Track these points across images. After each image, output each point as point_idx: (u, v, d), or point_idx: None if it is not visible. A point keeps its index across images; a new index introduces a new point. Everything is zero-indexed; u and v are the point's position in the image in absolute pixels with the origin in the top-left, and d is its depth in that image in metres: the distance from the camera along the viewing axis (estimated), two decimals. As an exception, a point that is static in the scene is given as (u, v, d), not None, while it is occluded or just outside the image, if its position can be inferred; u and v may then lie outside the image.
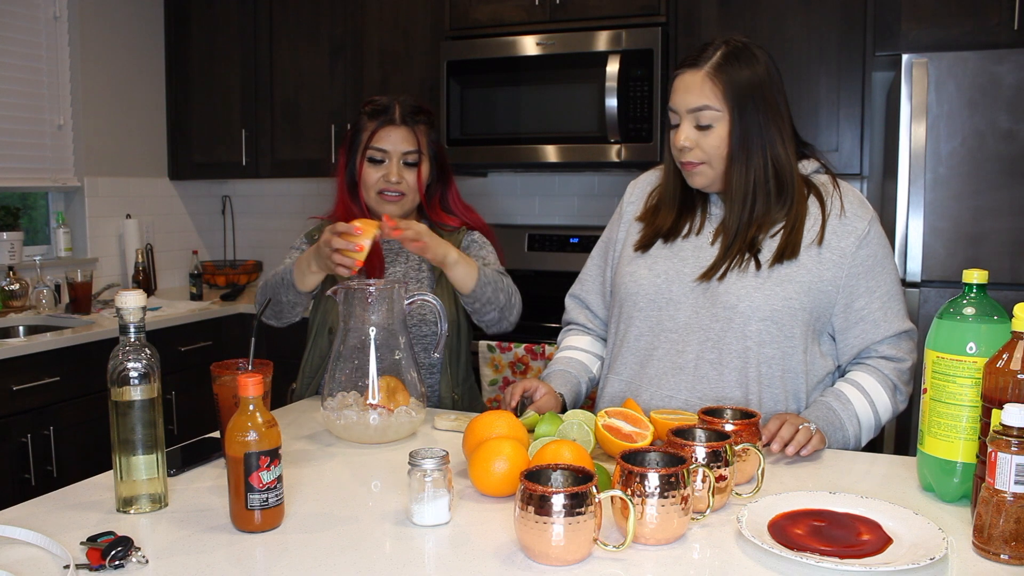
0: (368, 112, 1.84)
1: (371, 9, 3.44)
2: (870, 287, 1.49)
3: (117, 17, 3.63)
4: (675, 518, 1.03)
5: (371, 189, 1.82)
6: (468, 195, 3.71)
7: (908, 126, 2.38)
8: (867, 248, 1.49)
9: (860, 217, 1.50)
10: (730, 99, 1.44)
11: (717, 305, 1.48)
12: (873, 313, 1.49)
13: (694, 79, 1.46)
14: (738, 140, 1.46)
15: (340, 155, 1.89)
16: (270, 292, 1.76)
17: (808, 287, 1.46)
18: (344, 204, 1.87)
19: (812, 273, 1.47)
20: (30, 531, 1.04)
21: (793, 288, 1.46)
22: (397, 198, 1.82)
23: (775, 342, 1.47)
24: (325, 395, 1.51)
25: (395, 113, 1.81)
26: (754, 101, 1.45)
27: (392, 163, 1.81)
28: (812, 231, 1.49)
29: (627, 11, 2.99)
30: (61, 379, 2.69)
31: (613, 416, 1.36)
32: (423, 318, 1.82)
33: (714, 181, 1.51)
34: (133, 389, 1.14)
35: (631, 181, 1.75)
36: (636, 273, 1.58)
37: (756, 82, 1.45)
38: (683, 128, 1.48)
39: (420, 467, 1.10)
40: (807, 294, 1.46)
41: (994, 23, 2.52)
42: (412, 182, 1.82)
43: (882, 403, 1.49)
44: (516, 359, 2.79)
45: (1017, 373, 1.04)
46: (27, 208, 3.50)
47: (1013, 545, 0.98)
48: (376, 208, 1.85)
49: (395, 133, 1.81)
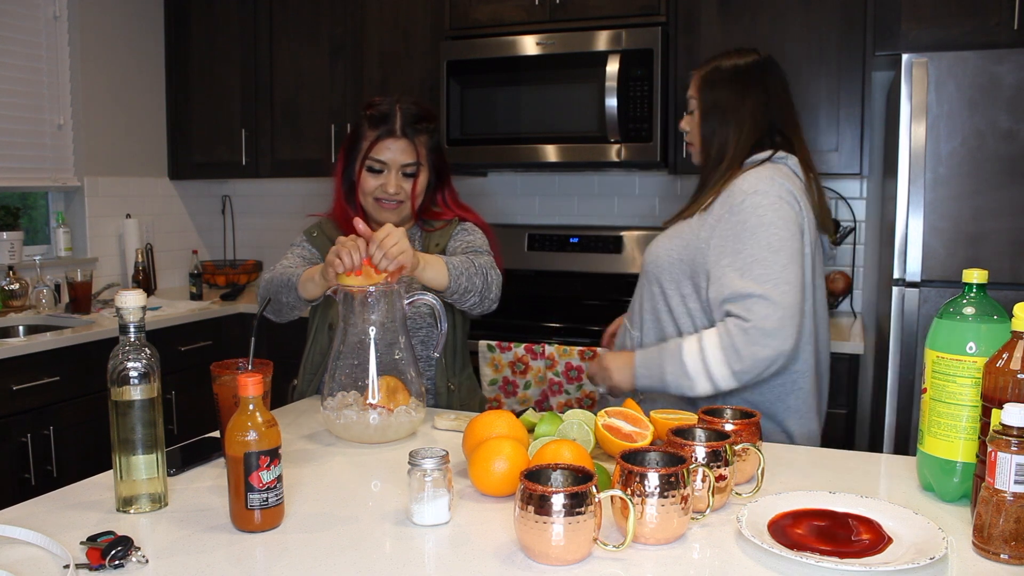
0: (369, 118, 1.83)
1: (371, 9, 3.44)
2: (736, 248, 1.59)
3: (117, 17, 3.63)
4: (675, 518, 1.03)
5: (368, 196, 1.83)
6: (468, 195, 3.70)
7: (908, 126, 2.38)
8: (738, 215, 1.61)
9: (743, 191, 1.62)
10: (703, 95, 1.76)
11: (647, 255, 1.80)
12: (728, 273, 1.59)
13: (694, 78, 1.79)
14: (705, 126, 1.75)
15: (339, 156, 1.89)
16: (272, 291, 1.76)
17: (687, 243, 1.68)
18: (341, 206, 1.88)
19: (695, 233, 1.67)
20: (30, 531, 1.04)
21: (677, 242, 1.70)
22: (394, 207, 1.83)
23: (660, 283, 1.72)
24: (325, 395, 1.51)
25: (396, 123, 1.80)
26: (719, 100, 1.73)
27: (391, 174, 1.80)
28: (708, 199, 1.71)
29: (627, 11, 2.99)
30: (61, 379, 2.69)
31: (613, 416, 1.36)
32: (417, 311, 1.82)
33: (699, 160, 1.79)
34: (133, 389, 1.14)
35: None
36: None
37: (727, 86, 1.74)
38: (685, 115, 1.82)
39: (420, 467, 1.11)
40: (685, 248, 1.68)
41: (994, 23, 2.52)
42: (410, 191, 1.83)
43: (712, 350, 1.56)
44: (516, 359, 2.79)
45: (1017, 373, 1.04)
46: (27, 208, 3.50)
47: (1013, 545, 0.98)
48: (373, 214, 1.85)
49: (395, 145, 1.80)
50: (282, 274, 1.75)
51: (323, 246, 1.87)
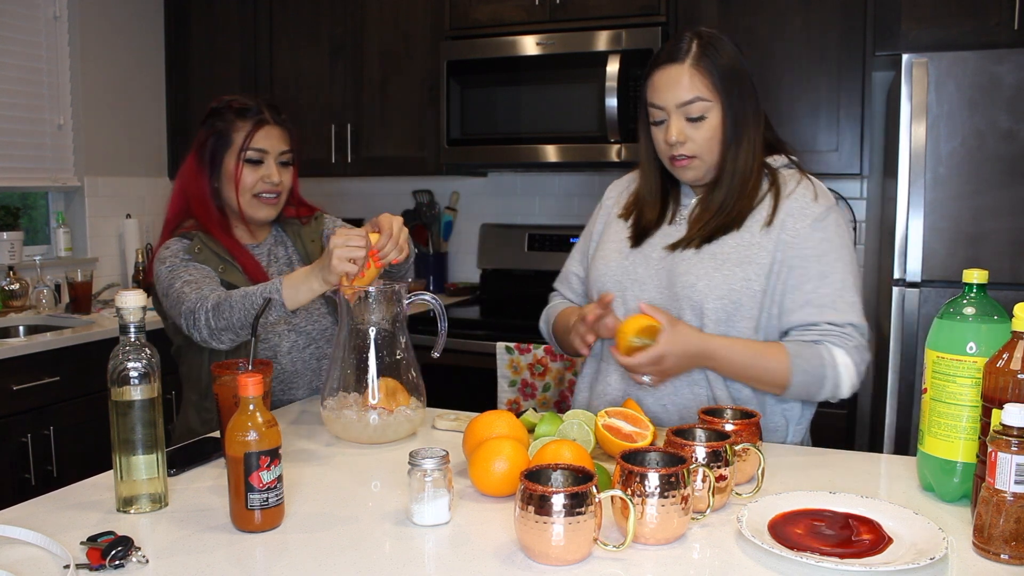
0: (236, 111, 1.74)
1: (371, 9, 3.44)
2: (823, 271, 1.46)
3: (117, 17, 3.63)
4: (675, 518, 1.03)
5: (248, 192, 1.75)
6: (468, 195, 3.73)
7: (908, 126, 2.38)
8: (822, 232, 1.47)
9: (819, 204, 1.49)
10: (719, 87, 1.46)
11: (676, 285, 1.51)
12: (822, 298, 1.45)
13: (679, 73, 1.46)
14: (731, 126, 1.48)
15: (195, 162, 1.77)
16: (238, 317, 1.54)
17: (768, 269, 1.47)
18: (211, 212, 1.76)
19: (770, 254, 1.47)
20: (30, 531, 1.04)
21: (753, 270, 1.47)
22: (274, 200, 1.78)
23: (730, 320, 1.48)
24: (325, 395, 1.51)
25: (266, 112, 1.76)
26: (738, 85, 1.47)
27: (271, 164, 1.76)
28: (763, 213, 1.50)
29: (627, 11, 2.99)
30: (61, 379, 2.69)
31: (613, 416, 1.36)
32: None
33: (705, 173, 1.52)
34: (133, 389, 1.14)
35: (611, 183, 1.78)
36: (605, 251, 1.63)
37: (736, 67, 1.48)
38: (673, 123, 1.47)
39: (420, 467, 1.11)
40: (766, 277, 1.47)
41: (994, 23, 2.52)
42: (288, 182, 1.80)
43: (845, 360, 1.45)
44: (535, 360, 2.79)
45: (1017, 373, 1.04)
46: (27, 208, 3.50)
47: (1013, 545, 0.98)
48: (249, 212, 1.76)
49: (273, 132, 1.76)
50: (243, 297, 1.54)
51: (209, 260, 1.72)
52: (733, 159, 1.49)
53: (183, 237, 1.74)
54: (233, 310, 1.54)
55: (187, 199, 1.78)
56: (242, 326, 1.55)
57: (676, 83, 1.46)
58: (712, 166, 1.51)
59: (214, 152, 1.75)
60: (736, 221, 1.49)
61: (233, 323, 1.55)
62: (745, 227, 1.49)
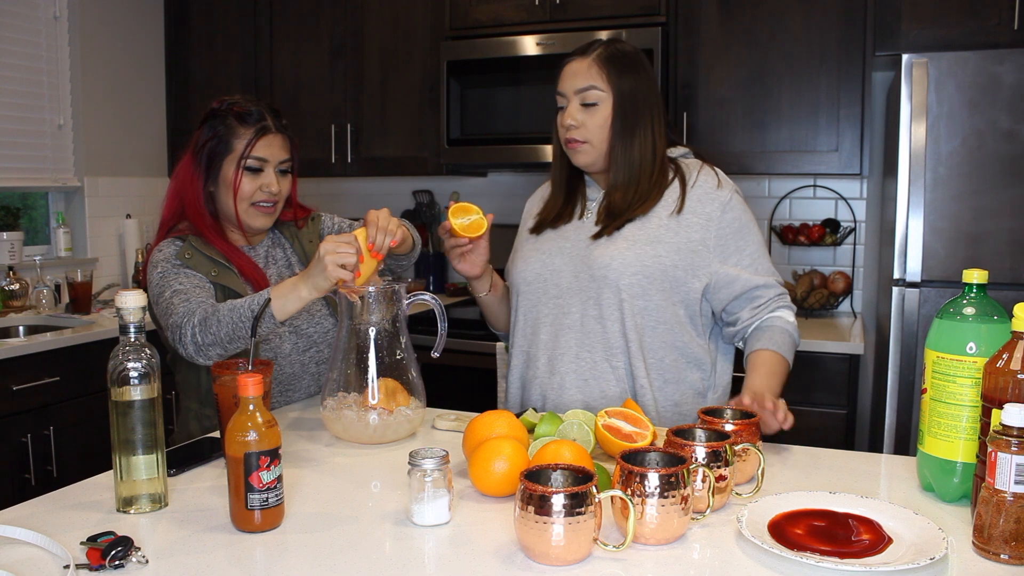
0: (237, 116, 1.69)
1: (371, 9, 3.44)
2: (739, 246, 1.63)
3: (117, 17, 3.63)
4: (675, 518, 1.03)
5: (246, 200, 1.71)
6: (468, 195, 3.73)
7: (908, 126, 2.38)
8: (732, 212, 1.63)
9: (724, 190, 1.64)
10: (614, 82, 1.60)
11: (594, 267, 1.62)
12: (747, 267, 1.63)
13: (582, 65, 1.63)
14: (621, 119, 1.60)
15: (191, 166, 1.72)
16: (227, 333, 1.51)
17: (678, 247, 1.60)
18: (204, 217, 1.72)
19: (680, 235, 1.61)
20: (30, 531, 1.04)
21: (663, 247, 1.60)
22: (271, 209, 1.75)
23: (646, 295, 1.60)
24: (325, 395, 1.51)
25: (269, 119, 1.71)
26: (635, 88, 1.61)
27: (271, 172, 1.72)
28: (671, 200, 1.63)
29: (627, 11, 2.99)
30: (61, 379, 2.69)
31: (613, 416, 1.36)
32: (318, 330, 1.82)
33: (596, 160, 1.64)
34: (133, 389, 1.14)
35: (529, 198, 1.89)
36: (523, 252, 1.76)
37: (637, 70, 1.63)
38: (570, 108, 1.62)
39: (420, 467, 1.11)
40: (677, 252, 1.60)
41: (994, 23, 2.52)
42: (286, 191, 1.77)
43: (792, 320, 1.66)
44: None
45: (1017, 373, 1.04)
46: (27, 208, 3.50)
47: (1013, 545, 0.98)
48: (245, 219, 1.73)
49: (274, 140, 1.72)
50: (231, 311, 1.51)
51: (201, 266, 1.68)
52: (624, 150, 1.61)
53: (176, 239, 1.72)
54: (221, 324, 1.51)
55: (182, 201, 1.74)
56: (230, 340, 1.52)
57: (577, 72, 1.62)
58: (603, 153, 1.63)
59: (212, 156, 1.71)
60: (643, 208, 1.62)
61: (221, 337, 1.51)
62: (653, 213, 1.62)
